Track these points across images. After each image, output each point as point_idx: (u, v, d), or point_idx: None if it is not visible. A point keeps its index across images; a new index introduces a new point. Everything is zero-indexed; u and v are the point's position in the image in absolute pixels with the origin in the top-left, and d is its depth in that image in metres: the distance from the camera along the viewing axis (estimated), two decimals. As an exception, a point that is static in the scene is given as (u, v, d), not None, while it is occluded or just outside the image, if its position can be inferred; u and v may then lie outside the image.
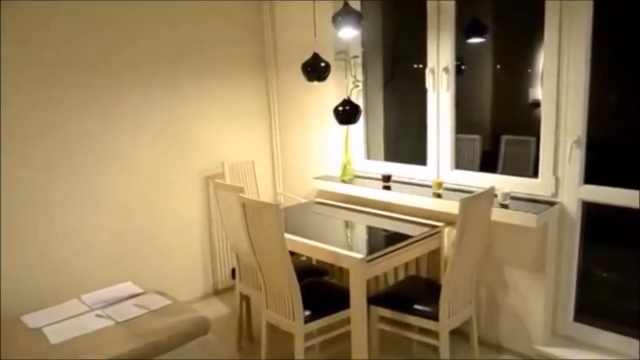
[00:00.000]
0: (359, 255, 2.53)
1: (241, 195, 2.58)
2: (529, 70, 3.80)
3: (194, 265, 3.94)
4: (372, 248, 2.74)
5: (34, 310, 2.90)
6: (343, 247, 2.68)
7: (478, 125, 4.01)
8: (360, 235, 3.07)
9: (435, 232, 2.95)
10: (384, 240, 2.94)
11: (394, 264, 2.76)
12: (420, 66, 3.41)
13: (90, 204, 3.35)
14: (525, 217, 2.70)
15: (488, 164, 3.73)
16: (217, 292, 4.08)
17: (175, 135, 3.72)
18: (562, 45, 2.72)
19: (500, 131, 3.89)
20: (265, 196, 4.28)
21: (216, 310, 3.79)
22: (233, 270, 3.28)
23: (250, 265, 2.96)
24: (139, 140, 3.53)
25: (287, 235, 2.84)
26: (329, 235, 3.01)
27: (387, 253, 2.66)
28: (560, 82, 2.76)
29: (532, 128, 3.72)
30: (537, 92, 3.81)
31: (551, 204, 2.82)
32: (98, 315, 2.81)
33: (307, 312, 2.62)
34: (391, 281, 3.27)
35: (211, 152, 3.94)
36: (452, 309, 2.57)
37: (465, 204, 2.36)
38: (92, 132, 3.31)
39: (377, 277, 3.19)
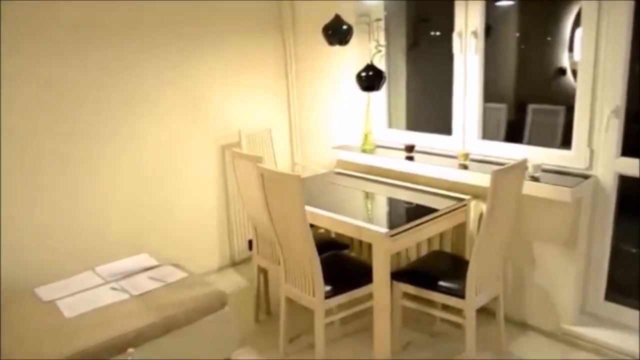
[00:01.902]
0: (383, 230, 2.41)
1: (259, 165, 2.46)
2: (549, 39, 3.61)
3: (210, 237, 3.87)
4: (396, 222, 2.61)
5: (48, 282, 2.83)
6: (365, 221, 2.57)
7: (502, 94, 3.84)
8: (383, 208, 2.94)
9: (461, 205, 2.82)
10: (408, 214, 2.81)
11: (418, 238, 2.64)
12: (440, 32, 3.23)
13: (106, 175, 3.26)
14: (558, 190, 2.55)
15: (514, 135, 3.57)
16: (234, 264, 4.01)
17: (191, 104, 3.60)
18: (601, 9, 2.53)
19: (525, 100, 3.72)
20: (283, 166, 4.17)
21: (233, 282, 3.72)
22: (250, 242, 3.19)
23: (268, 237, 2.87)
24: (154, 109, 3.42)
25: (308, 208, 2.74)
26: (350, 208, 2.89)
27: (412, 227, 2.54)
28: (599, 48, 2.57)
29: (558, 96, 3.56)
30: (564, 59, 3.64)
31: (585, 177, 2.67)
32: (113, 288, 2.74)
33: (328, 288, 2.52)
34: (413, 256, 3.16)
35: (227, 121, 3.81)
36: (480, 286, 2.46)
37: (496, 177, 2.22)
38: (108, 101, 3.20)
39: (398, 252, 3.07)
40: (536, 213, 2.82)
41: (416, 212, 2.74)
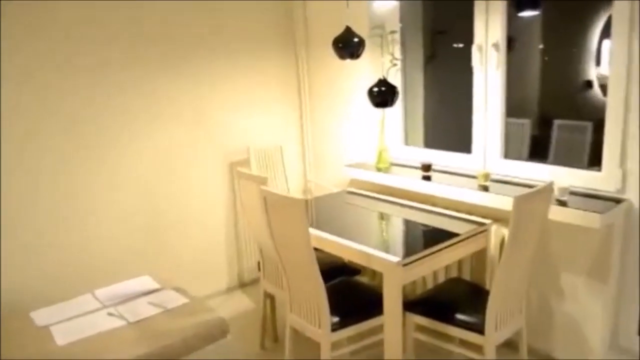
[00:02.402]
0: (394, 258, 2.23)
1: (263, 187, 2.30)
2: (574, 50, 3.40)
3: (218, 257, 3.72)
4: (409, 249, 2.43)
5: (46, 304, 2.71)
6: (376, 247, 2.38)
7: (525, 108, 3.63)
8: (397, 232, 2.75)
9: (481, 230, 2.62)
10: (423, 239, 2.63)
11: (434, 266, 2.44)
12: (459, 45, 3.06)
13: (108, 192, 3.15)
14: (586, 216, 2.34)
15: (538, 152, 3.37)
16: (243, 285, 3.85)
17: (199, 119, 3.47)
18: (633, 18, 2.33)
19: (550, 114, 3.51)
20: (294, 184, 4.01)
21: (240, 305, 3.56)
22: (259, 263, 3.03)
23: (275, 261, 2.70)
24: (160, 124, 3.30)
25: (315, 232, 2.58)
26: (361, 231, 2.70)
27: (427, 255, 2.35)
28: (631, 59, 2.37)
29: (585, 111, 3.35)
30: (591, 71, 3.43)
31: (617, 201, 2.45)
32: (110, 314, 2.59)
33: (335, 319, 2.35)
34: (429, 283, 2.96)
35: (237, 137, 3.68)
36: (500, 320, 2.26)
37: (519, 203, 2.03)
38: (110, 116, 3.09)
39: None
40: (563, 239, 2.61)
41: (432, 238, 2.55)
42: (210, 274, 3.68)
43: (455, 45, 3.46)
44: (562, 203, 2.46)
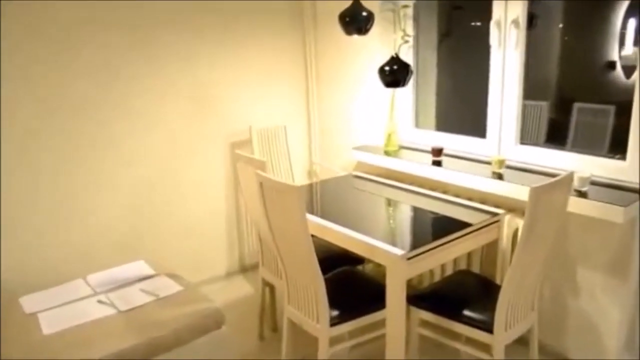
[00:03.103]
0: (399, 251, 2.07)
1: (259, 172, 2.15)
2: (597, 29, 3.17)
3: (218, 240, 3.59)
4: (416, 240, 2.26)
5: (37, 288, 2.60)
6: (380, 237, 2.22)
7: (543, 89, 3.42)
8: (403, 221, 2.57)
9: (494, 220, 2.45)
10: (431, 229, 2.45)
11: (442, 260, 2.28)
12: (477, 22, 2.85)
13: (104, 173, 3.02)
14: (609, 209, 2.16)
15: (556, 136, 3.17)
16: (244, 269, 3.73)
17: (200, 98, 3.31)
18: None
19: (569, 97, 3.30)
20: (299, 166, 3.85)
21: (240, 290, 3.44)
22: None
23: (272, 248, 2.57)
24: (158, 104, 3.15)
25: (316, 219, 2.43)
26: (365, 220, 2.53)
27: (435, 247, 2.19)
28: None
29: (606, 93, 3.14)
30: (614, 52, 3.21)
31: (641, 193, 2.27)
32: (100, 302, 2.47)
33: (335, 312, 2.20)
34: (437, 275, 2.81)
35: (239, 116, 3.52)
36: (511, 318, 2.10)
37: (536, 194, 1.85)
38: (107, 96, 2.94)
39: (420, 268, 2.73)
40: (581, 233, 2.44)
41: (441, 228, 2.38)
42: (210, 258, 3.56)
43: (472, 22, 3.25)
44: (582, 194, 2.28)
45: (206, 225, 3.49)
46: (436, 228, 2.42)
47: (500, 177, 2.58)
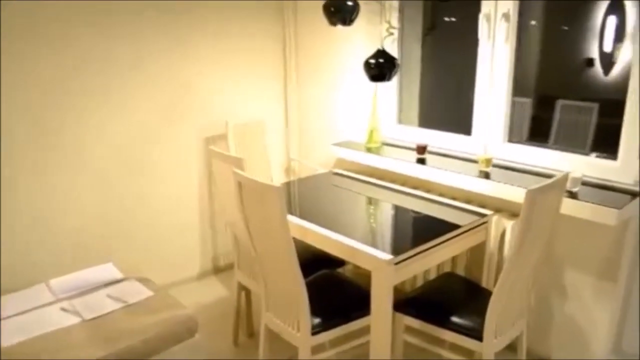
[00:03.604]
0: (385, 256, 1.95)
1: (236, 171, 2.00)
2: (574, 26, 3.11)
3: (191, 239, 3.42)
4: (402, 243, 2.13)
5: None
6: (364, 240, 2.10)
7: (525, 86, 3.34)
8: (387, 223, 2.44)
9: (482, 222, 2.35)
10: (417, 232, 2.31)
11: (429, 264, 2.17)
12: (463, 14, 2.75)
13: (69, 170, 2.82)
14: (602, 211, 2.07)
15: (538, 134, 3.11)
16: (218, 270, 3.57)
17: (172, 90, 3.13)
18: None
19: (550, 94, 3.23)
20: (277, 162, 3.71)
21: (214, 292, 3.29)
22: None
23: (250, 252, 2.42)
24: (128, 96, 2.96)
25: (295, 220, 2.30)
26: (347, 221, 2.39)
27: (423, 251, 2.08)
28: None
29: (586, 91, 3.09)
30: (592, 49, 3.16)
31: (632, 194, 2.19)
32: (63, 309, 2.30)
33: (316, 320, 2.08)
34: (419, 277, 2.71)
35: (214, 110, 3.35)
36: (501, 326, 2.00)
37: (532, 197, 1.75)
38: (70, 85, 2.74)
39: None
40: (570, 235, 2.36)
41: (428, 230, 2.26)
42: (182, 259, 3.39)
43: (458, 15, 3.15)
44: (573, 195, 2.19)
45: (178, 224, 3.32)
46: (423, 230, 2.31)
47: (487, 176, 2.48)
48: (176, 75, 3.12)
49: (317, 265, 2.54)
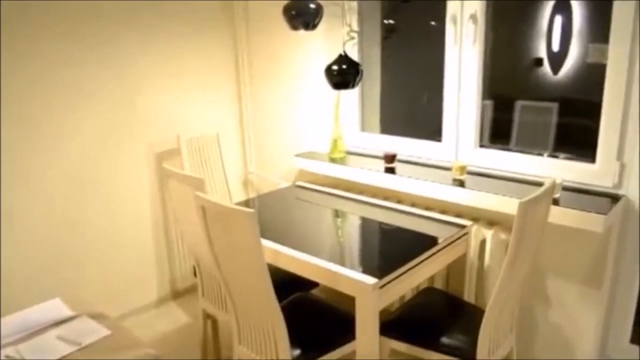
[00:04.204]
0: (369, 280, 1.79)
1: (199, 194, 1.80)
2: (522, 28, 3.10)
3: (146, 263, 3.17)
4: (385, 263, 1.97)
5: None
6: (344, 262, 1.95)
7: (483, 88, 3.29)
8: (365, 240, 2.25)
9: (462, 233, 2.24)
10: (399, 248, 2.12)
11: (414, 282, 2.02)
12: (425, 16, 2.65)
13: (8, 194, 2.52)
14: (587, 218, 2.00)
15: (499, 137, 3.04)
16: (177, 295, 3.33)
17: (120, 102, 2.88)
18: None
19: (506, 95, 3.19)
20: (234, 176, 3.50)
21: (175, 320, 3.05)
22: (195, 268, 2.53)
23: (216, 279, 2.23)
24: (70, 111, 2.69)
25: (264, 242, 2.11)
26: (321, 240, 2.21)
27: (407, 270, 1.94)
28: (636, 34, 2.03)
29: (539, 90, 3.06)
30: (540, 48, 3.14)
31: (612, 197, 2.13)
32: (7, 357, 2.03)
33: (296, 352, 1.91)
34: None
35: (165, 123, 3.12)
36: (494, 343, 1.89)
37: (525, 209, 1.64)
38: (5, 104, 2.46)
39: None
40: (551, 241, 2.28)
41: (409, 247, 2.11)
42: (138, 285, 3.13)
43: (421, 17, 3.04)
44: (556, 202, 2.11)
45: (131, 248, 3.07)
46: (405, 247, 2.14)
47: (462, 184, 2.37)
48: (118, 90, 2.87)
49: (288, 288, 2.37)
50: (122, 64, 2.85)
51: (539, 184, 2.29)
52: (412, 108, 3.28)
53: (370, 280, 1.78)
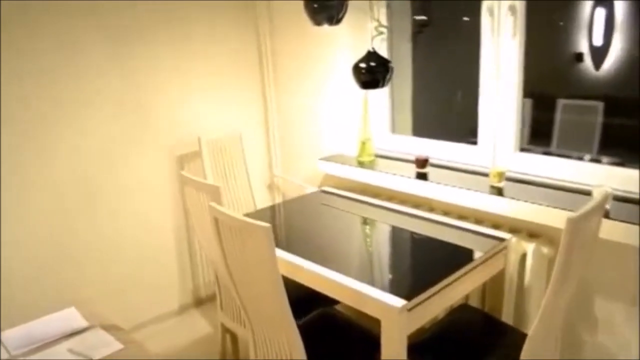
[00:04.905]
0: (397, 302, 1.61)
1: (213, 205, 1.66)
2: (561, 24, 2.85)
3: (167, 269, 3.06)
4: (414, 282, 1.79)
5: None
6: (369, 279, 1.77)
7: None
8: (392, 254, 2.05)
9: (501, 247, 2.04)
10: (430, 264, 1.93)
11: (447, 302, 1.84)
12: (461, 8, 2.45)
13: (23, 202, 2.45)
14: (636, 231, 1.78)
15: (539, 136, 2.82)
16: (199, 302, 3.22)
17: (140, 103, 2.78)
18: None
19: (547, 92, 2.95)
20: (258, 180, 3.36)
21: (196, 328, 2.94)
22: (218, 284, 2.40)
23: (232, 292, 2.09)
24: (89, 113, 2.60)
25: (284, 255, 1.96)
26: (345, 253, 2.03)
27: (440, 290, 1.75)
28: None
29: (580, 87, 2.83)
30: (581, 43, 2.90)
31: (665, 207, 1.91)
32: (15, 372, 1.94)
33: (316, 376, 1.75)
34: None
35: (185, 124, 3.00)
36: (535, 371, 1.70)
37: (575, 224, 1.44)
38: (24, 105, 2.37)
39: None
40: (598, 257, 2.06)
41: (442, 262, 1.90)
42: (158, 292, 3.03)
43: (455, 9, 2.84)
44: (606, 214, 1.89)
45: (153, 254, 2.97)
46: (437, 262, 1.94)
47: (500, 192, 2.17)
48: (143, 89, 2.77)
49: (311, 302, 2.22)
50: (140, 65, 2.75)
51: (586, 193, 2.07)
52: (447, 108, 3.08)
53: (397, 301, 1.61)
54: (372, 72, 2.23)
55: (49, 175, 2.52)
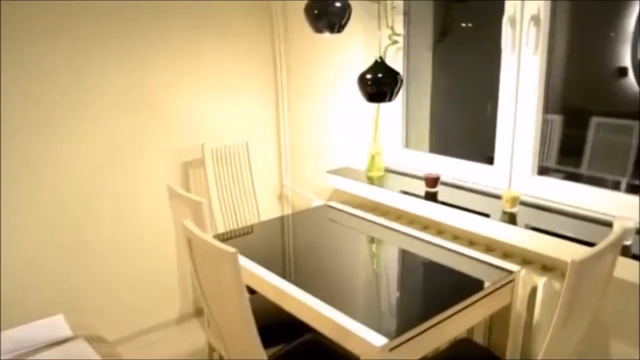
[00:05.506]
0: (377, 340, 1.46)
1: (186, 224, 1.54)
2: (612, 34, 2.62)
3: (168, 278, 2.98)
4: (404, 316, 1.61)
5: None
6: (352, 312, 1.62)
7: (552, 100, 2.84)
8: (388, 282, 1.87)
9: (508, 280, 1.85)
10: (426, 295, 1.76)
11: (440, 339, 1.66)
12: (483, 18, 2.27)
13: (24, 204, 2.40)
14: (666, 274, 1.58)
15: (568, 156, 2.60)
16: (199, 312, 3.12)
17: (145, 106, 2.70)
18: None
19: (581, 108, 2.72)
20: (263, 189, 3.24)
21: (194, 339, 2.84)
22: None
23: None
24: (93, 117, 2.53)
25: (269, 277, 1.83)
26: (337, 276, 1.88)
27: (431, 326, 1.59)
28: None
29: (620, 104, 2.59)
30: (625, 57, 2.65)
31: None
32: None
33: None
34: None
35: (194, 128, 2.91)
36: None
37: (579, 268, 1.26)
38: (22, 103, 2.32)
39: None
40: (614, 297, 1.85)
41: (440, 294, 1.74)
42: (159, 300, 2.94)
43: (478, 18, 2.66)
44: (626, 251, 1.69)
45: (153, 260, 2.88)
46: (434, 293, 1.76)
47: (512, 219, 1.99)
48: (148, 91, 2.69)
49: (299, 328, 2.07)
50: (147, 65, 2.67)
51: (608, 224, 1.87)
52: (469, 124, 2.89)
53: (379, 339, 1.45)
54: (379, 84, 2.07)
55: (51, 178, 2.46)
